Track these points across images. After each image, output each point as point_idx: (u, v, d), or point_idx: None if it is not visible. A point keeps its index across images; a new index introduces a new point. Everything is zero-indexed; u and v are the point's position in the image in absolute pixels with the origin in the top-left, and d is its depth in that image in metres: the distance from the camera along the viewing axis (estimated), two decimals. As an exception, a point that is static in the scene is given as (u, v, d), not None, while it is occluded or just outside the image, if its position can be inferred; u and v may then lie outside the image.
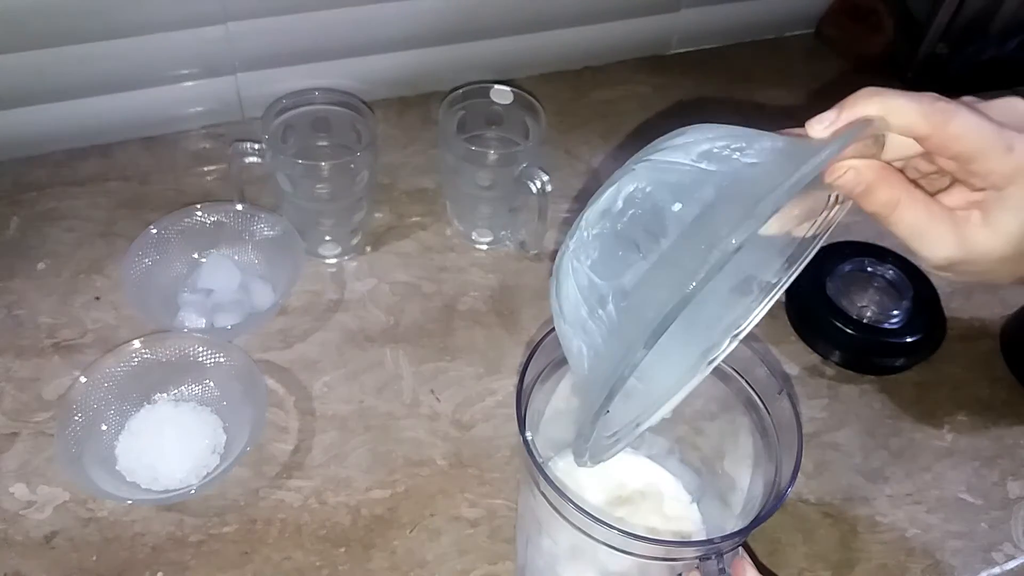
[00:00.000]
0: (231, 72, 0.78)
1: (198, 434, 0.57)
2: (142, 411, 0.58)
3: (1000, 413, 0.65)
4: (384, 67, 0.84)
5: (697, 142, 0.34)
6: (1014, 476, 0.61)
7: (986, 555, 0.56)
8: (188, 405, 0.58)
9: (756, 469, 0.46)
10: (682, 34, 0.95)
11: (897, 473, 0.60)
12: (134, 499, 0.53)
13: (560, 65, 0.92)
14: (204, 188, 0.75)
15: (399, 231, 0.74)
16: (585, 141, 0.84)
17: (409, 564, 0.53)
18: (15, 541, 0.52)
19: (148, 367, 0.58)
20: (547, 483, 0.39)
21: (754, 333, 0.68)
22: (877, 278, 0.69)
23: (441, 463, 0.58)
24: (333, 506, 0.56)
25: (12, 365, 0.61)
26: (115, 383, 0.57)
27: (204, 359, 0.59)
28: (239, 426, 0.57)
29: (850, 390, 0.65)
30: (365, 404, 0.61)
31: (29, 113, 0.74)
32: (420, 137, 0.83)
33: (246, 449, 0.54)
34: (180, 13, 0.72)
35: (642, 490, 0.52)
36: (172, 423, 0.57)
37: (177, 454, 0.55)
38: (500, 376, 0.64)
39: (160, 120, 0.79)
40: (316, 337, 0.65)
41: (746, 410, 0.46)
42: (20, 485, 0.55)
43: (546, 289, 0.70)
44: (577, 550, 0.44)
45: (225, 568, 0.52)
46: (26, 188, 0.74)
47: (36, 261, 0.68)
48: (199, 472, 0.55)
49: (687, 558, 0.40)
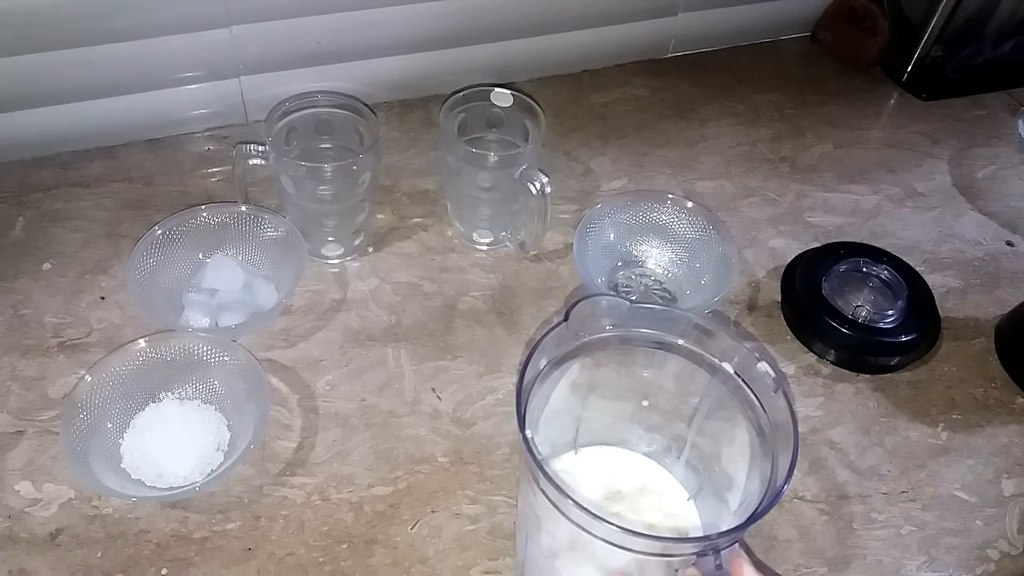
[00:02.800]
0: (235, 75, 0.79)
1: (202, 432, 0.57)
2: (147, 409, 0.58)
3: (994, 411, 0.65)
4: (386, 70, 0.84)
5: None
6: (1008, 474, 0.61)
7: (981, 552, 0.57)
8: (192, 403, 0.59)
9: (753, 466, 0.46)
10: (679, 38, 0.96)
11: (892, 471, 0.61)
12: (139, 496, 0.54)
13: (559, 68, 0.93)
14: (208, 190, 0.76)
15: (401, 232, 0.75)
16: (584, 143, 0.85)
17: (411, 560, 0.54)
18: (20, 538, 0.53)
19: (153, 366, 0.59)
20: (546, 480, 0.39)
21: (750, 332, 0.70)
22: (872, 278, 0.70)
23: (442, 460, 0.59)
24: (336, 503, 0.56)
25: (18, 364, 0.62)
26: (120, 382, 0.58)
27: (208, 358, 0.60)
28: (243, 424, 0.58)
29: (845, 389, 0.66)
30: (367, 402, 0.62)
31: (35, 115, 0.75)
32: (421, 139, 0.83)
33: (250, 447, 0.55)
34: (184, 17, 0.73)
35: (640, 487, 0.52)
36: (176, 421, 0.57)
37: (181, 452, 0.56)
38: (500, 375, 0.64)
39: (165, 122, 0.80)
40: (319, 336, 0.66)
41: (743, 408, 0.47)
42: (26, 483, 0.56)
43: (545, 289, 0.70)
44: (576, 546, 0.45)
45: (229, 564, 0.53)
46: (32, 189, 0.75)
47: (42, 261, 0.69)
48: (203, 469, 0.56)
49: (685, 554, 0.41)
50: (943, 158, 0.88)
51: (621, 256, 0.72)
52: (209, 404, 0.59)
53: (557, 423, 0.52)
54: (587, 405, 0.53)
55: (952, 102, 0.95)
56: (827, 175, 0.85)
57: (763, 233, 0.78)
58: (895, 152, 0.89)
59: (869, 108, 0.94)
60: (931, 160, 0.88)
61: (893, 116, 0.94)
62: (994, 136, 0.92)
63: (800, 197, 0.82)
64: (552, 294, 0.71)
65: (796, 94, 0.94)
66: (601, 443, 0.54)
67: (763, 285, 0.73)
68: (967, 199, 0.84)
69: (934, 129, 0.92)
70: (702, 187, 0.82)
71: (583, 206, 0.78)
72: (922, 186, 0.85)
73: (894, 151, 0.89)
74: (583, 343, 0.48)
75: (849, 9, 0.98)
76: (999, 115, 0.95)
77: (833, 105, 0.94)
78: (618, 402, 0.53)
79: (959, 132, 0.92)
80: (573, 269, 0.71)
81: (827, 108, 0.93)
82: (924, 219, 0.81)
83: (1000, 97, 0.97)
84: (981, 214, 0.82)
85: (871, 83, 0.98)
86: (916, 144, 0.90)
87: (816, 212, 0.80)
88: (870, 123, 0.92)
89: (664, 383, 0.51)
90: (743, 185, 0.83)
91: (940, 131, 0.92)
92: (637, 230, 0.72)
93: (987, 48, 0.97)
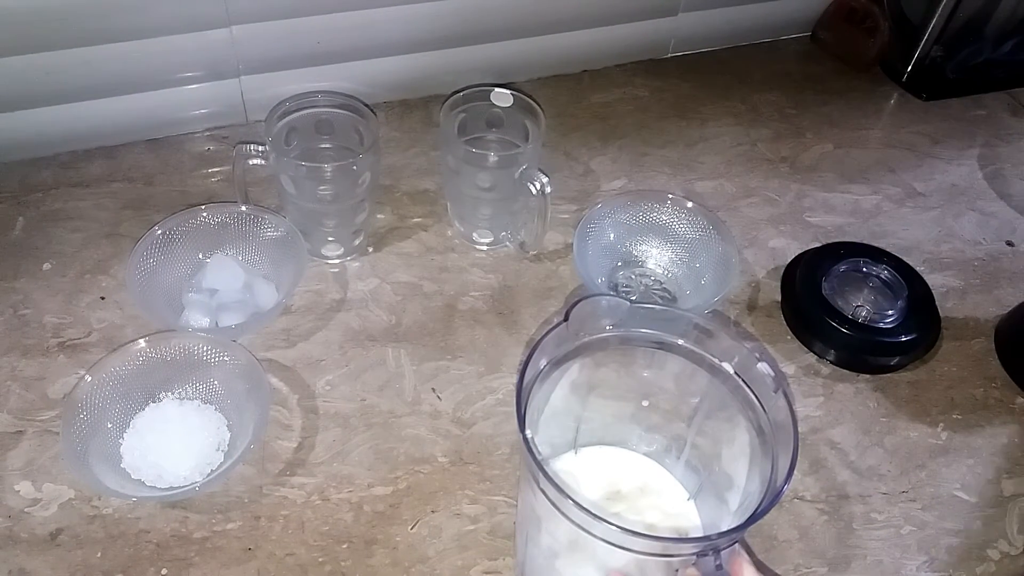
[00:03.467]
0: (235, 75, 0.79)
1: (202, 432, 0.57)
2: (147, 409, 0.58)
3: (994, 412, 0.65)
4: (386, 70, 0.84)
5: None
6: (1008, 474, 0.61)
7: (981, 552, 0.57)
8: (192, 403, 0.59)
9: (753, 467, 0.46)
10: (679, 38, 0.96)
11: (892, 471, 0.61)
12: (139, 496, 0.54)
13: (559, 68, 0.93)
14: (208, 190, 0.76)
15: (401, 232, 0.75)
16: (584, 143, 0.85)
17: (411, 560, 0.54)
18: (20, 538, 0.53)
19: (153, 366, 0.59)
20: (546, 480, 0.39)
21: (751, 332, 0.70)
22: (872, 278, 0.70)
23: (442, 460, 0.59)
24: (336, 503, 0.56)
25: (18, 364, 0.62)
26: (120, 382, 0.58)
27: (208, 358, 0.60)
28: (243, 423, 0.58)
29: (845, 389, 0.66)
30: (367, 402, 0.62)
31: (35, 115, 0.75)
32: (421, 139, 0.83)
33: (250, 447, 0.55)
34: (184, 16, 0.73)
35: (641, 487, 0.52)
36: (177, 421, 0.57)
37: (181, 452, 0.56)
38: (500, 375, 0.64)
39: (165, 122, 0.80)
40: (319, 336, 0.66)
41: (743, 408, 0.47)
42: (26, 483, 0.56)
43: (545, 289, 0.70)
44: (576, 546, 0.45)
45: (229, 564, 0.53)
46: (32, 189, 0.75)
47: (42, 261, 0.69)
48: (203, 469, 0.56)
49: (685, 554, 0.41)
50: (943, 158, 0.88)
51: (621, 256, 0.72)
52: (209, 404, 0.59)
53: (557, 423, 0.52)
54: (587, 405, 0.53)
55: (952, 102, 0.95)
56: (827, 175, 0.85)
57: (763, 233, 0.78)
58: (895, 152, 0.89)
59: (869, 108, 0.94)
60: (931, 160, 0.88)
61: (893, 116, 0.94)
62: (994, 136, 0.92)
63: (800, 197, 0.82)
64: (552, 294, 0.71)
65: (796, 94, 0.94)
66: (601, 443, 0.54)
67: (763, 285, 0.73)
68: (967, 199, 0.84)
69: (934, 129, 0.92)
70: (702, 187, 0.82)
71: (583, 206, 0.78)
72: (922, 186, 0.85)
73: (894, 151, 0.89)
74: (583, 343, 0.48)
75: (849, 9, 0.98)
76: (999, 115, 0.95)
77: (833, 105, 0.94)
78: (618, 402, 0.53)
79: (959, 132, 0.92)
80: (573, 269, 0.71)
81: (827, 108, 0.93)
82: (924, 219, 0.81)
83: (1000, 97, 0.97)
84: (981, 214, 0.82)
85: (871, 83, 0.97)
86: (916, 144, 0.90)
87: (816, 212, 0.80)
88: (870, 123, 0.92)
89: (664, 383, 0.51)
90: (743, 185, 0.83)
91: (940, 131, 0.91)
92: (637, 230, 0.72)
93: (987, 48, 0.97)
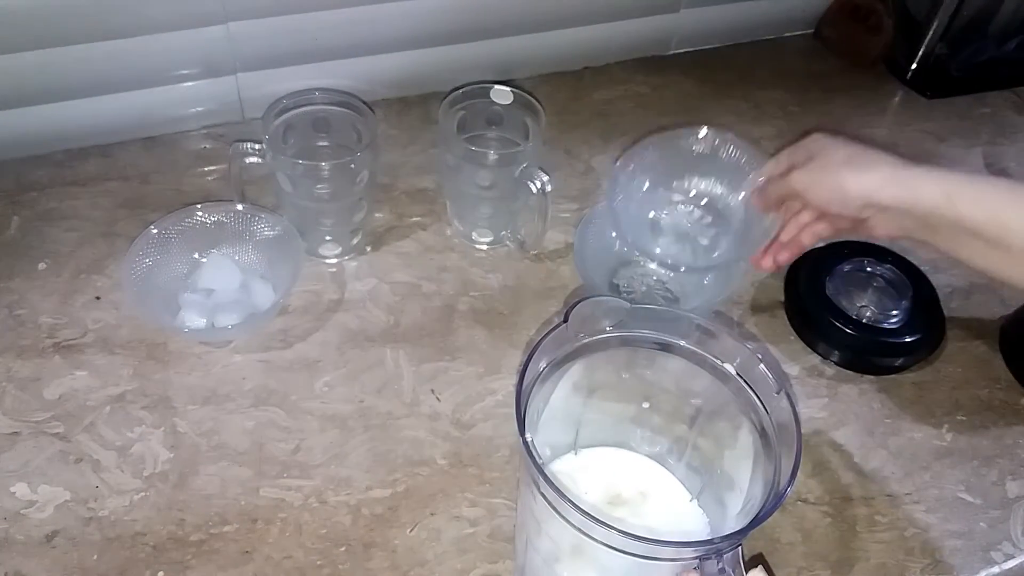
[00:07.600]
0: (231, 72, 0.78)
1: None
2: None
3: (999, 413, 0.65)
4: (384, 67, 0.84)
5: None
6: (1013, 475, 0.61)
7: (985, 554, 0.57)
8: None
9: (755, 469, 0.46)
10: (681, 35, 0.96)
11: (896, 472, 0.60)
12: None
13: (560, 65, 0.92)
14: (204, 188, 0.75)
15: (399, 231, 0.74)
16: (585, 141, 0.85)
17: (409, 563, 0.53)
18: (16, 540, 0.53)
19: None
20: (546, 483, 0.39)
21: (753, 333, 0.69)
22: (876, 278, 0.69)
23: (441, 462, 0.58)
24: (333, 505, 0.56)
25: (13, 365, 0.62)
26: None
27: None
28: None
29: (849, 390, 0.66)
30: (365, 404, 0.61)
31: (30, 113, 0.74)
32: (420, 137, 0.83)
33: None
34: (181, 13, 0.72)
35: (642, 490, 0.52)
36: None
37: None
38: (500, 376, 0.64)
39: (161, 120, 0.79)
40: (316, 337, 0.65)
41: (745, 410, 0.47)
42: (21, 484, 0.55)
43: (546, 289, 0.70)
44: (577, 550, 0.45)
45: (226, 567, 0.52)
46: (27, 188, 0.74)
47: (37, 261, 0.69)
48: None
49: (687, 558, 0.40)
50: (947, 156, 0.88)
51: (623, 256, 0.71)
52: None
53: (557, 425, 0.51)
54: (588, 407, 0.52)
55: (956, 100, 0.95)
56: (830, 173, 0.84)
57: (765, 232, 0.77)
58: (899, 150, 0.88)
59: (873, 106, 0.94)
60: (935, 158, 0.87)
61: (897, 114, 0.93)
62: (998, 134, 0.91)
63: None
64: (552, 294, 0.70)
65: (799, 92, 0.94)
66: (602, 445, 0.54)
67: (766, 285, 0.73)
68: (971, 197, 0.83)
69: (938, 127, 0.91)
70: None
71: (584, 205, 0.77)
72: (926, 184, 0.84)
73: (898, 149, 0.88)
74: (583, 344, 0.48)
75: (853, 6, 0.97)
76: (1003, 113, 0.94)
77: (836, 103, 0.93)
78: (619, 404, 0.52)
79: (963, 130, 0.91)
80: (573, 269, 0.71)
81: (830, 106, 0.93)
82: (928, 218, 0.80)
83: (1004, 95, 0.96)
84: (985, 213, 0.81)
85: (875, 81, 0.97)
86: (920, 142, 0.89)
87: (819, 211, 0.80)
88: (874, 121, 0.92)
89: (666, 384, 0.51)
90: (745, 183, 0.82)
91: (944, 129, 0.91)
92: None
93: (991, 46, 0.96)
